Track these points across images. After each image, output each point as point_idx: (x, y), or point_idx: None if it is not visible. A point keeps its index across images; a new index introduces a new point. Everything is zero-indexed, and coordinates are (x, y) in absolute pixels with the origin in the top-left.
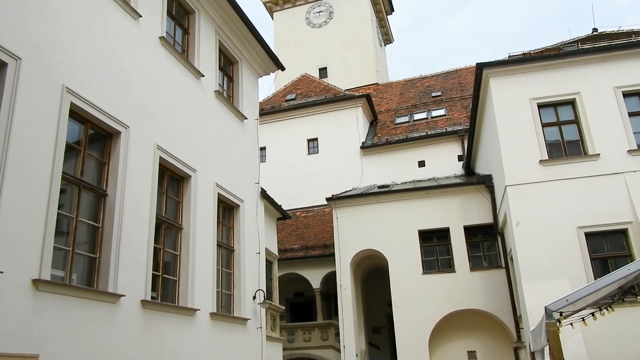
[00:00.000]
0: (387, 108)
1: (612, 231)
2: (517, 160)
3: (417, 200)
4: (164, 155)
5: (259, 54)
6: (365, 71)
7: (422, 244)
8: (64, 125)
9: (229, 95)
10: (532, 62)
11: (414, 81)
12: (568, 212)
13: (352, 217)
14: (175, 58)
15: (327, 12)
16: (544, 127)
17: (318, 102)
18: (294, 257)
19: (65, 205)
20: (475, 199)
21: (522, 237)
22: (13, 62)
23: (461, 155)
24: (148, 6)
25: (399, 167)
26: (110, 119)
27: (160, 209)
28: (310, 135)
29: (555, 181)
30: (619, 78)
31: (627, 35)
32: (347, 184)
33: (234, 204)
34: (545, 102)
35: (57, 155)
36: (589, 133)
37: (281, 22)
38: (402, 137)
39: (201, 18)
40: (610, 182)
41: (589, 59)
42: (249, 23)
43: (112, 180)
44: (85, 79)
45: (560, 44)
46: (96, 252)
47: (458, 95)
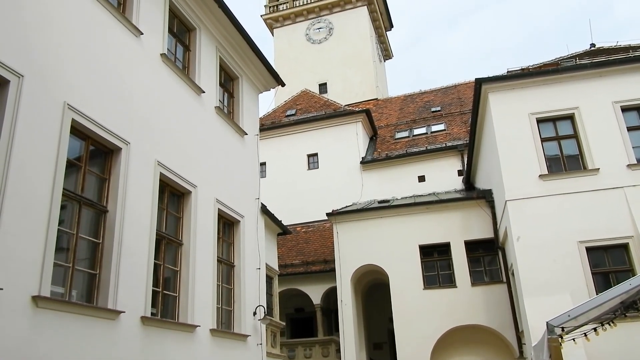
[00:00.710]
0: (386, 123)
1: (613, 246)
2: (517, 175)
3: (418, 215)
4: (165, 171)
5: (259, 70)
6: (365, 86)
7: (423, 259)
8: (65, 142)
9: (230, 111)
10: (531, 78)
11: (414, 96)
12: (569, 226)
13: (352, 232)
14: (176, 74)
15: (327, 29)
16: (543, 141)
17: (318, 118)
18: (294, 272)
19: (65, 222)
20: (475, 214)
21: (523, 252)
22: (15, 80)
23: (461, 170)
24: (149, 24)
25: (399, 182)
26: (111, 135)
27: (160, 225)
28: (310, 150)
29: (555, 196)
30: (617, 93)
31: (625, 51)
32: (348, 199)
33: (234, 220)
34: (544, 116)
35: (57, 171)
36: (588, 148)
37: (281, 38)
38: (402, 152)
39: (202, 35)
40: (610, 196)
41: (587, 74)
42: (249, 40)
43: (112, 197)
44: (87, 96)
45: (558, 59)
46: (96, 268)
47: (457, 110)
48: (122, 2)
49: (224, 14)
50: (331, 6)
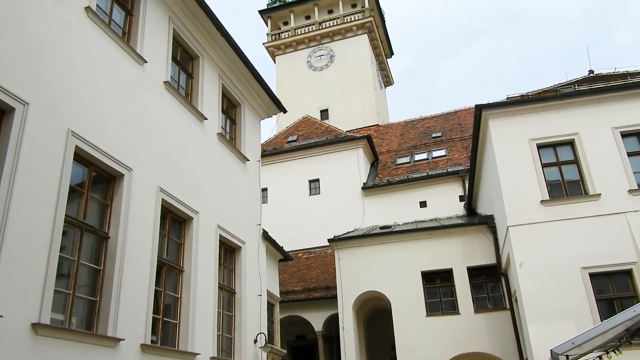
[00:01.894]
0: (388, 149)
1: (617, 272)
2: (518, 201)
3: (420, 241)
4: (167, 197)
5: (261, 97)
6: (366, 113)
7: (425, 285)
8: (68, 168)
9: (232, 137)
10: (530, 104)
11: (414, 122)
12: (571, 252)
13: (354, 258)
14: (179, 102)
15: (328, 56)
16: (544, 167)
17: (319, 144)
18: (295, 299)
19: (66, 248)
20: (477, 240)
21: (526, 278)
22: (21, 107)
23: (462, 196)
24: (153, 52)
25: (400, 207)
26: (114, 161)
27: (161, 251)
28: (311, 176)
29: (557, 221)
30: (616, 119)
31: (623, 77)
32: (349, 224)
33: (236, 246)
34: (544, 142)
35: (60, 198)
36: (589, 173)
37: (283, 65)
38: (404, 177)
39: (205, 63)
40: (612, 222)
41: (586, 100)
42: (251, 67)
43: (114, 223)
44: (91, 123)
45: (557, 86)
46: (96, 295)
47: (458, 136)
48: (127, 31)
49: (227, 43)
50: (332, 34)
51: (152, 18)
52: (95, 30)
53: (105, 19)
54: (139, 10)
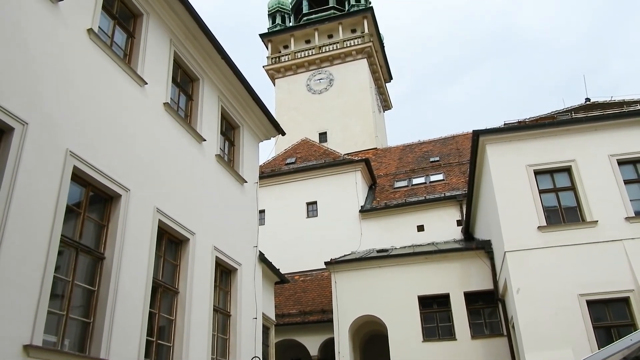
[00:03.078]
0: (386, 172)
1: (614, 299)
2: (515, 226)
3: (417, 265)
4: (163, 218)
5: (260, 120)
6: (365, 136)
7: (422, 310)
8: (65, 188)
9: (230, 159)
10: (527, 130)
11: (413, 146)
12: (569, 279)
13: (350, 281)
14: (178, 123)
15: (328, 80)
16: (541, 193)
17: (317, 166)
18: (291, 322)
19: (61, 268)
20: (475, 265)
21: (523, 305)
22: (20, 127)
23: (460, 220)
24: (154, 74)
25: (398, 231)
26: (112, 182)
27: (157, 273)
28: (309, 198)
29: (554, 247)
30: (613, 146)
31: (619, 106)
32: (346, 247)
33: (232, 268)
34: (541, 169)
35: (57, 218)
36: (586, 200)
37: (282, 88)
38: (401, 201)
39: (205, 85)
40: (609, 249)
41: (582, 127)
42: (251, 90)
43: (110, 243)
44: (90, 143)
45: (554, 113)
46: (90, 316)
47: (456, 160)
48: (128, 53)
49: (227, 66)
50: (332, 58)
51: (154, 40)
52: (96, 52)
53: (107, 40)
54: (141, 33)
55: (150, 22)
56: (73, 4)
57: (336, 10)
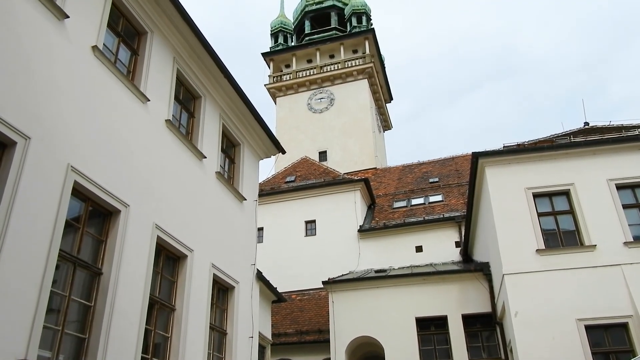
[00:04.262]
0: (385, 192)
1: (613, 325)
2: (514, 249)
3: (415, 286)
4: (162, 234)
5: (261, 138)
6: (364, 156)
7: (420, 332)
8: (65, 203)
9: (230, 176)
10: (526, 153)
11: (412, 167)
12: (567, 303)
13: (348, 301)
14: (179, 140)
15: (328, 99)
16: (540, 216)
17: (317, 185)
18: (287, 342)
19: (58, 282)
20: (473, 287)
21: (521, 329)
22: (22, 142)
23: (459, 242)
24: (156, 91)
25: (396, 251)
26: (112, 197)
27: (154, 289)
28: (308, 217)
29: (552, 271)
30: (611, 171)
31: (618, 130)
32: (344, 267)
33: (229, 285)
34: (540, 191)
35: (55, 233)
36: (584, 224)
37: (284, 106)
38: (400, 221)
39: (206, 103)
40: (607, 274)
41: (581, 151)
42: (252, 109)
43: (108, 259)
44: (91, 158)
45: (553, 136)
46: (86, 332)
47: (455, 181)
48: (132, 70)
49: (229, 84)
50: (333, 78)
51: (157, 58)
52: (100, 68)
53: (111, 57)
54: (145, 50)
55: (154, 40)
56: (79, 22)
57: (338, 31)
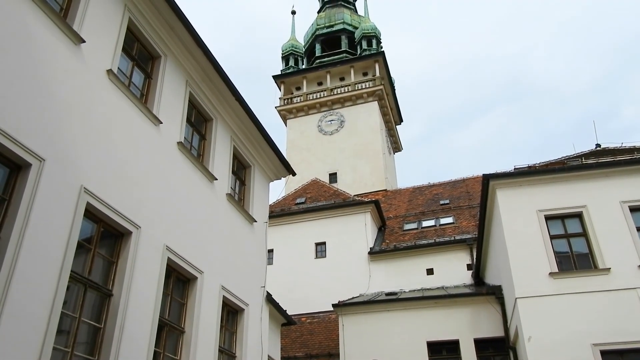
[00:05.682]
0: (395, 214)
1: (629, 350)
2: (526, 272)
3: (426, 310)
4: (172, 256)
5: (272, 160)
6: (375, 178)
7: (431, 356)
8: (77, 225)
9: (240, 198)
10: (538, 175)
11: (422, 189)
12: (581, 328)
13: (358, 325)
14: (191, 162)
15: (339, 121)
16: (552, 239)
17: (327, 207)
18: None
19: (68, 304)
20: (485, 311)
21: (534, 354)
22: (37, 163)
23: (470, 264)
24: (169, 114)
25: (407, 274)
26: (124, 219)
27: (163, 311)
28: (318, 239)
29: (566, 295)
30: (624, 193)
31: (630, 152)
32: (354, 289)
33: (239, 308)
34: (552, 214)
35: (67, 254)
36: (598, 247)
37: (294, 128)
38: (411, 243)
39: (218, 125)
40: (623, 297)
41: (593, 173)
42: (263, 131)
43: (118, 280)
44: (104, 180)
45: (564, 158)
46: (95, 354)
47: (466, 204)
48: (145, 93)
49: (241, 107)
50: (343, 100)
51: (170, 81)
52: (114, 92)
53: (125, 81)
54: (158, 74)
55: (167, 64)
56: (94, 46)
57: (348, 54)
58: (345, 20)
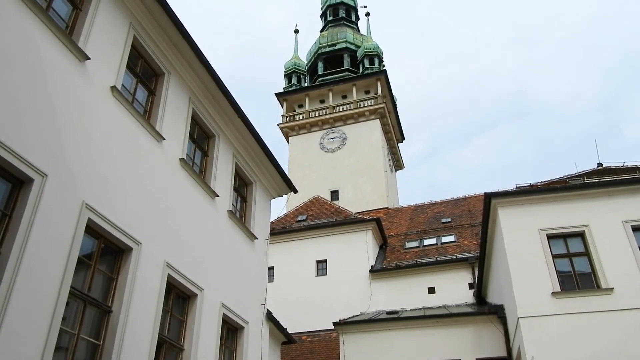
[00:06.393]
0: (397, 232)
1: None
2: (529, 292)
3: (427, 329)
4: (173, 272)
5: (274, 177)
6: (376, 195)
7: None
8: (78, 240)
9: (242, 215)
10: (540, 194)
11: (424, 207)
12: (585, 348)
13: (359, 344)
14: (193, 178)
15: (341, 139)
16: (555, 258)
17: (328, 224)
18: None
19: (67, 320)
20: (487, 330)
21: None
22: (39, 179)
23: (472, 283)
24: (172, 130)
25: (408, 292)
26: (125, 235)
27: (163, 329)
28: (319, 256)
29: (569, 315)
30: (627, 212)
31: (632, 171)
32: (355, 308)
33: (239, 326)
34: (554, 233)
35: (67, 270)
36: (600, 266)
37: (296, 146)
38: (412, 262)
39: (220, 142)
40: (626, 318)
41: (595, 192)
42: (265, 148)
43: (118, 297)
44: (105, 196)
45: (566, 177)
46: None
47: (468, 222)
48: (149, 109)
49: (243, 124)
50: (345, 118)
51: (174, 98)
52: (118, 108)
53: (129, 97)
54: (162, 91)
55: (171, 81)
56: (99, 63)
57: (350, 72)
58: (347, 39)
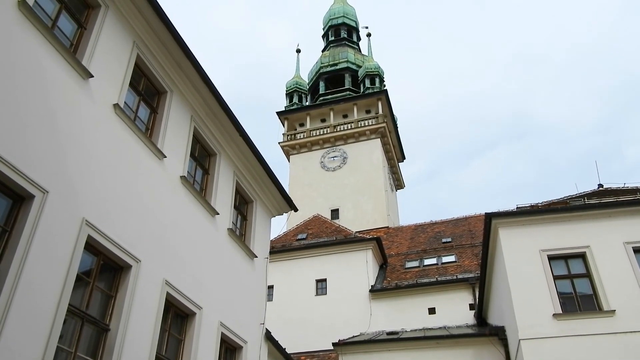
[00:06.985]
0: (397, 252)
1: None
2: (530, 313)
3: (428, 350)
4: (172, 291)
5: (274, 196)
6: (377, 214)
7: None
8: (77, 257)
9: (242, 233)
10: (540, 215)
11: (425, 226)
12: None
13: None
14: (193, 196)
15: (341, 158)
16: (556, 279)
17: (329, 243)
18: None
19: (65, 337)
20: (488, 352)
21: None
22: (40, 195)
23: (472, 304)
24: (173, 148)
25: (408, 313)
26: (124, 252)
27: (160, 347)
28: (319, 275)
29: (571, 337)
30: (628, 233)
31: (632, 192)
32: (355, 328)
33: (237, 345)
34: (555, 254)
35: (66, 287)
36: (602, 288)
37: (297, 164)
38: (412, 282)
39: (221, 160)
40: (629, 341)
41: (596, 213)
42: (266, 167)
43: (116, 315)
44: (106, 213)
45: (567, 198)
46: None
47: (468, 242)
48: (150, 127)
49: (244, 142)
50: (346, 137)
51: (175, 116)
52: (120, 125)
53: (131, 115)
54: (164, 109)
55: (173, 99)
56: (102, 81)
57: (351, 91)
58: (349, 59)
